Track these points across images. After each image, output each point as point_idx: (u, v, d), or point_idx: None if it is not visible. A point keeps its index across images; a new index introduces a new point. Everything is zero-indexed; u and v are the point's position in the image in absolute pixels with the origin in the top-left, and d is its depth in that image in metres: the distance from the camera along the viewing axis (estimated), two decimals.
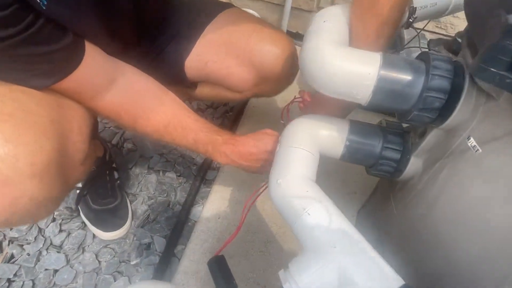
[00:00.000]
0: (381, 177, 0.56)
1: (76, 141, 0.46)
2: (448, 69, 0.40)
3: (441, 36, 1.19)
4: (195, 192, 0.87)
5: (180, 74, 0.68)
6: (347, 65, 0.42)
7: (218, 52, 0.66)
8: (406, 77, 0.41)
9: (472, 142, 0.39)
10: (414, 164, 0.50)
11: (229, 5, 0.70)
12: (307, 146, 0.50)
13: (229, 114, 1.09)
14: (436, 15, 0.64)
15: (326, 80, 0.44)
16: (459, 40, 0.97)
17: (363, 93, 0.43)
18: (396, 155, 0.51)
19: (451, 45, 0.93)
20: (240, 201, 0.83)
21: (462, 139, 0.41)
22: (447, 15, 0.66)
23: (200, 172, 0.91)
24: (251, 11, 1.29)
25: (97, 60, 0.48)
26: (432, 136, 0.46)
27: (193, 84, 0.73)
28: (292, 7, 1.26)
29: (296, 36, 1.39)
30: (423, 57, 0.43)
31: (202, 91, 0.77)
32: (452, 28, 1.18)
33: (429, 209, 0.48)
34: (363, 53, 0.43)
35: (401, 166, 0.51)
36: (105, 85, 0.50)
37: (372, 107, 0.45)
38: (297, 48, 1.32)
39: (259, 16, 1.38)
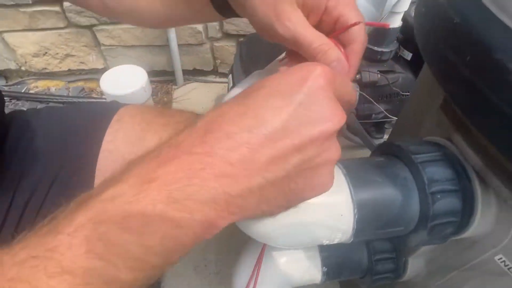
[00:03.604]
0: None
1: None
2: (449, 177, 0.26)
3: None
4: None
5: None
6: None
7: None
8: (394, 203, 0.27)
9: (506, 264, 0.27)
10: (414, 264, 0.38)
11: (111, 108, 0.43)
12: None
13: None
14: None
15: (278, 236, 0.27)
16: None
17: (341, 237, 0.27)
18: (391, 265, 0.37)
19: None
20: None
21: (489, 256, 0.28)
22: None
23: None
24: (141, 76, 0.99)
25: None
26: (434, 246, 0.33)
27: None
28: (179, 45, 1.07)
29: (195, 73, 1.21)
30: (398, 153, 0.29)
31: None
32: None
33: None
34: None
35: (399, 272, 0.38)
36: None
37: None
38: (202, 84, 1.11)
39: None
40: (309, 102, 0.19)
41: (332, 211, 0.26)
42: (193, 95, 1.17)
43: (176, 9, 0.35)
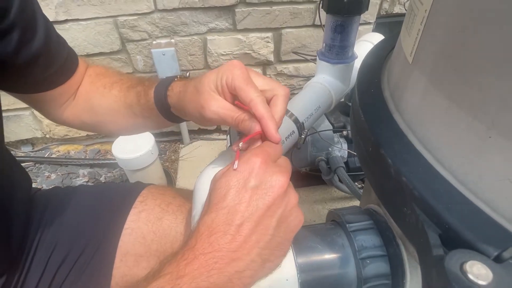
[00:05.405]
0: None
1: None
2: (377, 244, 0.31)
3: None
4: None
5: None
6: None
7: (149, 259, 0.47)
8: (333, 267, 0.31)
9: None
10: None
11: (135, 190, 0.51)
12: None
13: None
14: (322, 114, 0.59)
15: None
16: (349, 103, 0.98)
17: None
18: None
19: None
20: None
21: None
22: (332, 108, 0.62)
23: None
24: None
25: None
26: None
27: None
28: None
29: (200, 132, 1.31)
30: (339, 221, 0.34)
31: None
32: None
33: None
34: None
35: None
36: None
37: None
38: (206, 141, 1.18)
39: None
40: (259, 182, 0.28)
41: (278, 276, 0.31)
42: (198, 153, 1.26)
43: (134, 116, 0.47)
